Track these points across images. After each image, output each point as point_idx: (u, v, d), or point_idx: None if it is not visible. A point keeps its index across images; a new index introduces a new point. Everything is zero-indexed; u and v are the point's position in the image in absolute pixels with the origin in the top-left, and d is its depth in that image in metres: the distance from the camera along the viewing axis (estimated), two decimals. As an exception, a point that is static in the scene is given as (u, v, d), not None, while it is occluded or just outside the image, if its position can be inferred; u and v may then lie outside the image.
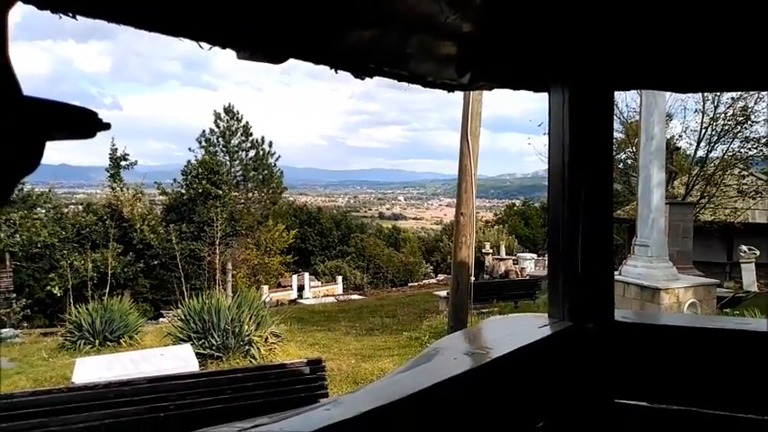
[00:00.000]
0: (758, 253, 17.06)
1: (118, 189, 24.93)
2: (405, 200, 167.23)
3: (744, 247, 17.19)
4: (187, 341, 8.08)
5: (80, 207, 26.90)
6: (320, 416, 1.17)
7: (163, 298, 23.30)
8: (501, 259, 24.61)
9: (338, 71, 1.81)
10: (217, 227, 15.40)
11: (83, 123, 0.70)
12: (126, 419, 3.78)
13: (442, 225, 56.99)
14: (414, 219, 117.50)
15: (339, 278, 29.44)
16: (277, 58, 1.64)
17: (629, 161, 18.92)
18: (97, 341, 10.11)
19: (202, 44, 1.46)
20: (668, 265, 8.97)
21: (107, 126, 0.73)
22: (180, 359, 6.19)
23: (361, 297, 22.84)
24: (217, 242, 14.81)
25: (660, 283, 8.38)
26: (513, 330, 2.07)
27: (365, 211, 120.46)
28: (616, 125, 18.20)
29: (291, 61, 1.80)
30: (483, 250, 26.12)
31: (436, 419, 1.45)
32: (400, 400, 1.31)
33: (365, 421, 1.21)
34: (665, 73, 2.27)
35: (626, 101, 17.41)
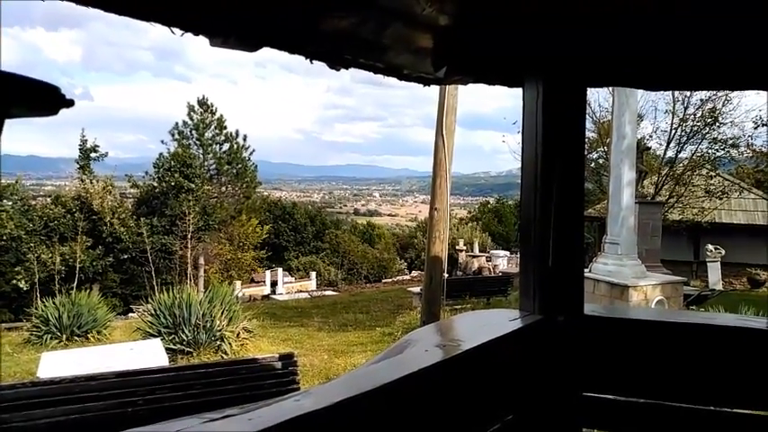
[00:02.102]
0: (724, 252, 17.51)
1: (87, 181, 24.41)
2: (380, 196, 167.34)
3: (710, 247, 17.64)
4: (157, 336, 7.97)
5: (48, 199, 26.26)
6: (290, 406, 1.16)
7: (133, 293, 22.93)
8: (474, 256, 24.80)
9: (313, 61, 1.80)
10: (189, 221, 15.20)
11: (44, 98, 0.67)
12: (92, 414, 3.70)
13: (416, 222, 57.19)
14: (389, 215, 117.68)
15: (313, 274, 29.34)
16: (251, 46, 1.61)
17: (601, 160, 19.20)
18: (64, 336, 9.91)
19: (174, 30, 1.43)
20: (637, 263, 9.14)
21: (71, 102, 0.71)
22: (149, 354, 6.10)
23: (334, 293, 22.79)
24: (188, 236, 14.62)
25: (629, 280, 8.54)
26: (484, 323, 2.08)
27: (340, 207, 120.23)
28: (589, 125, 18.45)
29: (267, 53, 1.78)
30: (457, 247, 26.29)
31: (407, 410, 1.45)
32: (371, 390, 1.30)
33: (336, 412, 1.20)
34: (637, 70, 2.31)
35: (598, 100, 17.68)
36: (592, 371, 2.14)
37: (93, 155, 25.63)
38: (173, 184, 25.27)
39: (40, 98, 0.64)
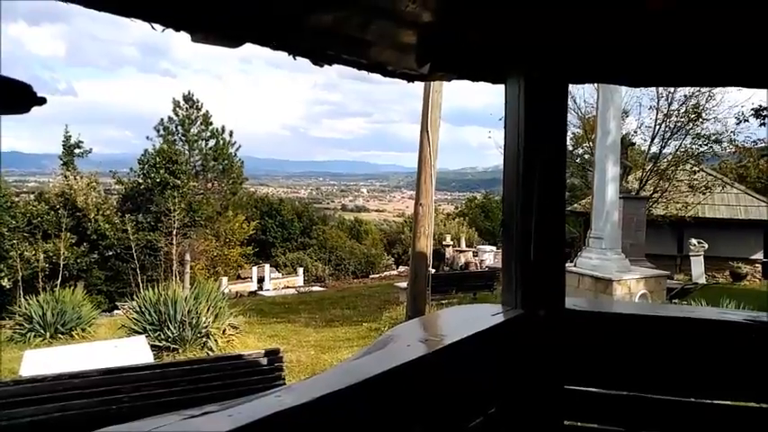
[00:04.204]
0: (707, 246, 17.74)
1: (71, 177, 24.14)
2: (367, 192, 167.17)
3: (693, 241, 17.85)
4: (142, 333, 7.92)
5: (31, 196, 25.94)
6: (271, 402, 1.16)
7: (118, 290, 22.73)
8: (461, 251, 24.90)
9: (297, 58, 1.80)
10: (174, 217, 15.08)
11: (16, 97, 0.67)
12: (76, 413, 3.68)
13: (404, 217, 57.17)
14: (376, 211, 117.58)
15: (300, 270, 29.28)
16: (233, 42, 1.61)
17: (587, 156, 19.32)
18: (48, 333, 9.81)
19: (155, 26, 1.42)
20: (621, 257, 9.24)
21: (42, 101, 0.70)
22: (134, 351, 6.06)
23: (322, 289, 22.77)
24: (174, 233, 14.51)
25: (613, 274, 8.63)
26: (466, 318, 2.10)
27: (328, 203, 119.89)
28: (574, 121, 18.58)
29: (252, 49, 1.77)
30: (444, 242, 26.39)
31: (389, 405, 1.46)
32: (353, 385, 1.31)
33: (317, 407, 1.21)
34: (618, 67, 2.33)
35: (584, 96, 17.78)
36: (573, 364, 2.16)
37: (76, 151, 25.36)
38: (158, 180, 25.07)
39: (12, 97, 0.64)
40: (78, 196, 23.61)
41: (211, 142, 30.10)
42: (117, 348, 6.17)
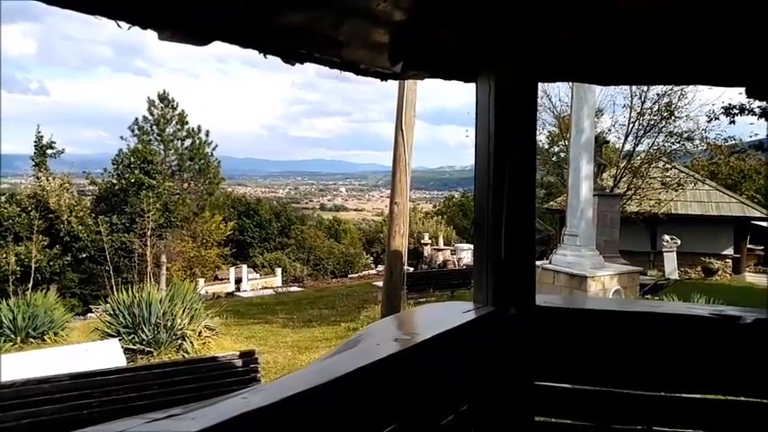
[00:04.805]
0: (679, 242, 18.07)
1: (43, 178, 23.69)
2: (346, 191, 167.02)
3: (666, 237, 18.18)
4: (116, 336, 7.80)
5: (2, 197, 25.36)
6: (236, 404, 1.15)
7: (92, 292, 22.37)
8: (439, 249, 24.99)
9: (267, 56, 1.78)
10: (148, 218, 14.88)
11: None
12: (45, 418, 3.60)
13: (383, 216, 57.16)
14: (355, 210, 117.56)
15: (278, 270, 29.13)
16: (201, 40, 1.58)
17: (563, 154, 19.54)
18: (19, 338, 9.60)
19: (120, 23, 1.40)
20: (595, 254, 9.36)
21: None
22: (106, 355, 5.96)
23: (300, 289, 22.67)
24: (148, 234, 14.33)
25: (587, 271, 8.74)
26: (438, 316, 2.11)
27: (306, 203, 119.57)
28: (550, 119, 18.77)
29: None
30: (422, 241, 26.46)
31: (360, 403, 1.45)
32: (323, 384, 1.30)
33: (283, 408, 1.20)
34: (588, 66, 2.35)
35: (559, 95, 17.97)
36: (544, 360, 2.18)
37: (49, 151, 24.91)
38: (133, 180, 24.71)
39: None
40: (51, 197, 23.17)
41: (187, 142, 29.79)
42: (88, 352, 6.06)
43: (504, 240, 2.09)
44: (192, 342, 8.17)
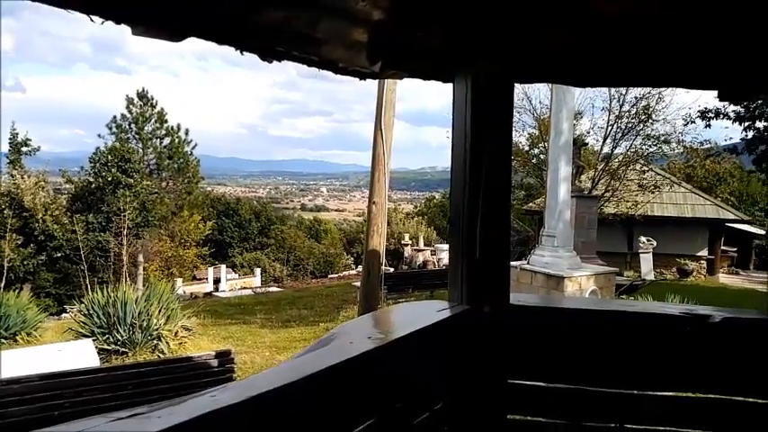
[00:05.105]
0: (655, 243, 18.34)
1: (18, 176, 23.25)
2: (327, 191, 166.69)
3: (643, 239, 18.43)
4: (90, 337, 7.67)
5: (-26, 195, 24.86)
6: (204, 402, 1.13)
7: (67, 292, 22.00)
8: (419, 250, 25.04)
9: (244, 53, 1.76)
10: (125, 216, 14.68)
11: None
12: (16, 420, 3.53)
13: (364, 216, 57.10)
14: (336, 210, 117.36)
15: (258, 270, 28.97)
16: (176, 36, 1.56)
17: (542, 156, 19.69)
18: (-10, 339, 9.40)
19: (94, 18, 1.37)
20: (572, 255, 9.45)
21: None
22: (79, 355, 5.86)
23: (279, 289, 22.55)
24: (125, 233, 14.13)
25: (565, 271, 8.82)
26: (412, 315, 2.11)
27: (287, 203, 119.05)
28: (530, 121, 18.92)
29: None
30: (402, 241, 26.51)
31: (331, 401, 1.45)
32: (292, 383, 1.29)
33: (252, 406, 1.18)
34: (564, 67, 2.37)
35: (539, 97, 18.12)
36: (517, 359, 2.19)
37: (24, 149, 24.48)
38: (110, 179, 24.38)
39: None
40: (25, 196, 22.76)
41: (166, 140, 29.45)
42: (61, 352, 5.95)
43: (479, 239, 2.10)
44: (168, 342, 8.07)
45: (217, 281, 25.37)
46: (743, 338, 2.16)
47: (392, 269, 22.84)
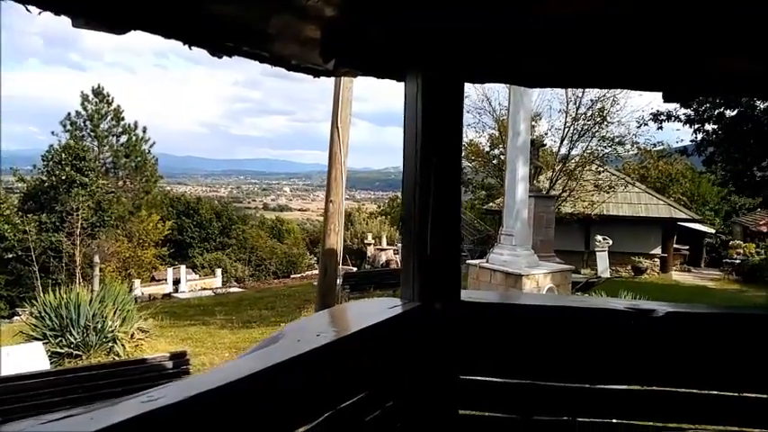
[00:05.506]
0: (611, 242, 18.82)
1: (-34, 175, 22.33)
2: (291, 191, 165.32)
3: (599, 237, 18.90)
4: (41, 340, 7.43)
5: None
6: (140, 403, 1.12)
7: (20, 294, 21.24)
8: (382, 249, 25.10)
9: (192, 47, 1.73)
10: (77, 216, 14.22)
11: None
12: (-43, 426, 3.39)
13: (326, 216, 56.72)
14: (299, 210, 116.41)
15: (219, 271, 28.53)
16: (119, 29, 1.52)
17: (503, 157, 19.96)
18: (-66, 344, 9.01)
19: (30, 8, 1.32)
20: (530, 253, 9.62)
21: None
22: (28, 359, 5.67)
23: (240, 290, 22.27)
24: (77, 232, 13.70)
25: (523, 269, 8.97)
26: (363, 312, 2.12)
27: (249, 202, 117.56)
28: (490, 122, 19.16)
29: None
30: (365, 241, 26.53)
31: (274, 400, 1.44)
32: (233, 382, 1.28)
33: (192, 406, 1.17)
34: (512, 68, 2.41)
35: (498, 99, 18.36)
36: (469, 354, 2.22)
37: (-28, 147, 23.51)
38: (63, 177, 23.58)
39: None
40: (-27, 195, 21.87)
41: (123, 138, 28.66)
42: (9, 356, 5.74)
43: (429, 237, 2.12)
44: (123, 345, 7.89)
45: (176, 282, 24.89)
46: (686, 331, 2.23)
47: (355, 268, 22.82)
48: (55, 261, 21.28)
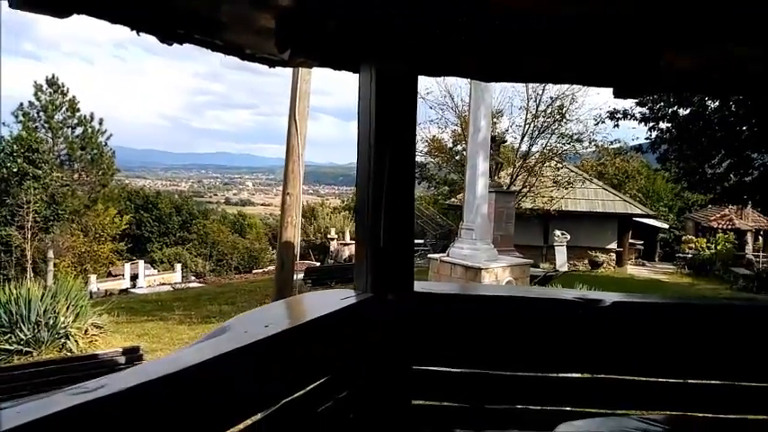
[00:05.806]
0: (569, 237, 19.25)
1: None
2: (253, 185, 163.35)
3: (557, 232, 19.31)
4: (-10, 337, 7.18)
5: None
6: (75, 395, 1.09)
7: (-33, 291, 20.44)
8: (346, 244, 25.05)
9: (140, 33, 1.68)
10: (28, 209, 13.76)
11: None
12: None
13: (289, 211, 56.27)
14: (262, 205, 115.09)
15: (178, 266, 28.02)
16: (59, 12, 1.46)
17: (465, 153, 20.14)
18: None
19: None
20: (490, 247, 9.76)
21: None
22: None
23: (200, 285, 21.90)
24: (28, 226, 13.26)
25: (482, 263, 9.10)
26: (316, 303, 2.11)
27: (210, 197, 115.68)
28: (453, 118, 19.31)
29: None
30: (329, 236, 26.44)
31: (221, 391, 1.43)
32: (175, 373, 1.27)
33: (129, 397, 1.15)
34: (466, 62, 2.43)
35: (461, 95, 18.52)
36: (422, 345, 2.24)
37: None
38: (15, 170, 22.77)
39: None
40: None
41: (78, 130, 27.76)
42: (-48, 354, 5.54)
43: (383, 229, 2.13)
44: (77, 341, 7.67)
45: (134, 277, 24.35)
46: (633, 320, 2.30)
47: (318, 263, 22.73)
48: (5, 256, 20.56)
